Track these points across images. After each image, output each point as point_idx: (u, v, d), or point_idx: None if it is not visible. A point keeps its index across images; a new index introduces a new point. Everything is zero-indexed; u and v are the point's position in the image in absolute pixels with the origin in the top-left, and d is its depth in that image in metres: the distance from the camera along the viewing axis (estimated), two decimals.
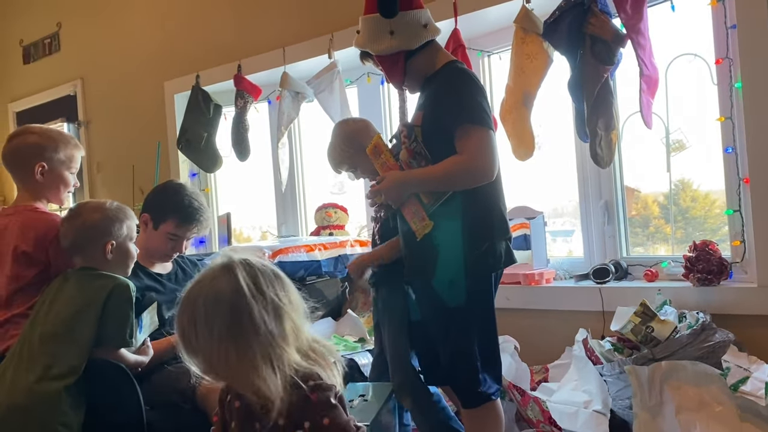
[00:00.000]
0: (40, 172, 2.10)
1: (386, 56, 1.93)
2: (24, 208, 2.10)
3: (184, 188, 2.36)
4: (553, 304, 2.57)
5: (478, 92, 1.85)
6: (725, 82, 2.25)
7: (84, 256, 1.94)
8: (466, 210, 1.83)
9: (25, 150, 2.11)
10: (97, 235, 1.93)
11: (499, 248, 1.86)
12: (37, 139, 2.13)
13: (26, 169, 2.10)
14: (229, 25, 3.59)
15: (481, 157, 1.80)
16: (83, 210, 1.98)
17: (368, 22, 1.92)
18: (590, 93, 2.28)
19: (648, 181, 2.67)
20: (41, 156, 2.11)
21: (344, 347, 2.59)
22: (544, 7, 2.43)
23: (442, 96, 1.86)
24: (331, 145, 2.26)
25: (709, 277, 2.22)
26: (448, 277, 1.84)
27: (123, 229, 1.97)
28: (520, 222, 2.70)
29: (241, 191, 3.96)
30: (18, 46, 5.02)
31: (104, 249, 1.93)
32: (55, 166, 2.13)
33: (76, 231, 1.93)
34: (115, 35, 4.27)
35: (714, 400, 1.85)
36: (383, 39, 1.90)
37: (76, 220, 1.95)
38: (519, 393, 2.15)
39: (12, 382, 1.78)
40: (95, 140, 4.52)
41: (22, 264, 2.00)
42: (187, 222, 2.31)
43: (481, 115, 1.81)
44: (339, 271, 2.84)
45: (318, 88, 3.09)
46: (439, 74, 1.91)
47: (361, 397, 2.02)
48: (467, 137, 1.80)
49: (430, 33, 1.92)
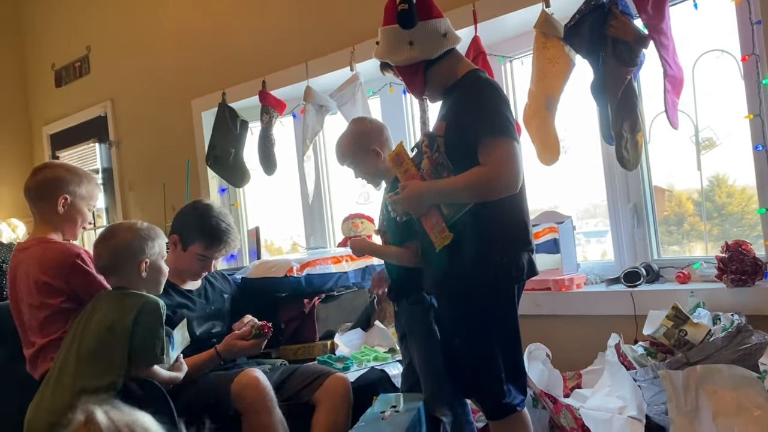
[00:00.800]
0: (62, 205, 2.18)
1: (406, 67, 1.92)
2: (40, 240, 2.17)
3: (212, 209, 2.40)
4: (584, 309, 2.54)
5: (501, 102, 1.83)
6: (752, 79, 2.21)
7: (119, 275, 1.98)
8: (488, 221, 1.81)
9: (52, 182, 2.20)
10: (131, 255, 1.97)
11: (521, 260, 1.84)
12: (64, 173, 2.22)
13: (49, 201, 2.18)
14: (253, 42, 3.64)
15: (505, 169, 1.77)
16: (117, 231, 2.03)
17: (387, 33, 1.92)
18: (614, 95, 2.26)
19: (681, 179, 2.63)
20: (66, 189, 2.19)
21: (375, 358, 2.60)
22: (563, 11, 2.42)
23: (464, 106, 1.85)
24: (340, 137, 2.27)
25: (743, 277, 2.18)
26: (469, 289, 1.82)
27: (155, 247, 2.02)
28: (549, 226, 2.68)
29: (269, 204, 4.00)
30: (50, 70, 5.15)
31: (139, 268, 1.97)
32: (77, 201, 2.22)
33: (111, 252, 1.98)
34: (142, 56, 4.36)
35: (752, 404, 1.81)
36: (402, 49, 1.89)
37: (110, 240, 2.00)
38: (551, 401, 2.13)
39: (51, 401, 1.82)
40: (126, 159, 4.61)
41: (45, 294, 2.06)
42: (215, 244, 2.35)
43: (505, 126, 1.79)
44: (366, 281, 2.85)
45: (341, 101, 3.11)
46: (461, 83, 1.90)
47: (392, 408, 2.02)
48: (491, 148, 1.77)
49: (449, 42, 1.91)
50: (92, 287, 2.06)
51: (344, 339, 2.72)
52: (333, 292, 2.79)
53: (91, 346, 1.88)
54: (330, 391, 2.23)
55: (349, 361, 2.54)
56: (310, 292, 2.73)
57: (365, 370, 2.47)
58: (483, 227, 1.81)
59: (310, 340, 2.70)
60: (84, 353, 1.87)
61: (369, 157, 2.17)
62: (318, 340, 2.70)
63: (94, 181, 2.31)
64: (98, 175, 4.82)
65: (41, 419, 1.82)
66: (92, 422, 1.11)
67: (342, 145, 2.25)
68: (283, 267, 2.70)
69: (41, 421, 1.81)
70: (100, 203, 4.92)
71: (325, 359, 2.56)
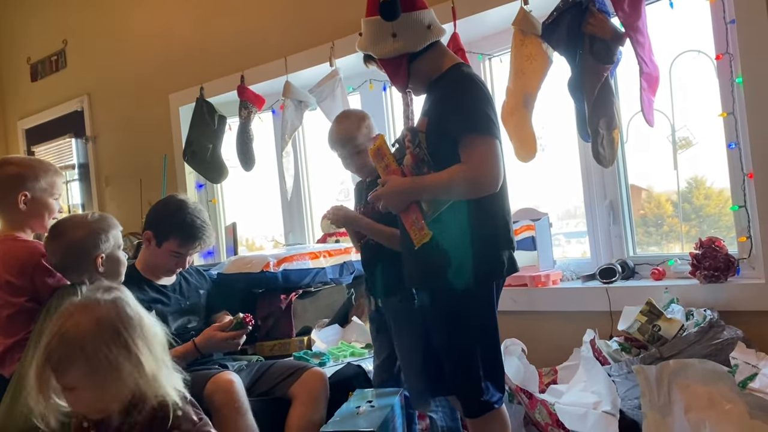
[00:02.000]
0: (23, 202, 2.12)
1: (389, 59, 1.89)
2: (5, 238, 2.11)
3: (187, 205, 2.37)
4: (560, 305, 2.56)
5: (484, 99, 1.81)
6: (726, 78, 2.24)
7: (77, 273, 1.94)
8: (469, 218, 1.79)
9: (6, 181, 2.13)
10: (85, 252, 1.92)
11: (502, 257, 1.83)
12: (16, 170, 2.15)
13: (9, 200, 2.12)
14: (231, 37, 3.62)
15: (486, 167, 1.75)
16: (66, 228, 1.96)
17: (370, 24, 1.89)
18: (590, 92, 2.27)
19: (660, 180, 2.66)
20: (23, 185, 2.12)
21: (351, 353, 2.59)
22: (542, 8, 2.43)
23: (446, 103, 1.82)
24: (344, 123, 2.25)
25: (716, 274, 2.20)
26: (448, 286, 1.81)
27: (109, 239, 1.96)
28: (526, 224, 2.69)
29: (247, 201, 3.97)
30: (26, 64, 5.08)
31: (95, 263, 1.93)
32: (38, 195, 2.15)
33: (64, 251, 1.93)
34: (120, 51, 4.31)
35: (723, 398, 1.83)
36: (386, 42, 1.86)
37: (61, 239, 1.94)
38: (527, 396, 2.14)
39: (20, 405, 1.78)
40: (103, 154, 4.56)
41: (8, 293, 2.02)
42: (189, 241, 2.33)
43: (486, 124, 1.77)
44: (344, 277, 2.84)
45: (320, 96, 3.10)
46: (445, 78, 1.87)
47: (368, 403, 2.02)
48: (472, 147, 1.75)
49: (434, 34, 1.88)
50: (56, 285, 2.01)
51: (321, 335, 2.71)
52: (310, 288, 2.78)
53: None
54: (307, 385, 2.22)
55: (325, 357, 2.53)
56: (287, 288, 2.72)
57: (341, 366, 2.47)
58: (463, 225, 1.80)
59: (287, 336, 2.69)
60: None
61: (369, 145, 2.16)
62: (295, 336, 2.69)
63: (52, 169, 2.23)
64: (74, 170, 4.76)
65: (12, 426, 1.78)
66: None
67: (348, 130, 2.21)
68: (259, 262, 2.69)
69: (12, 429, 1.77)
70: (77, 199, 4.86)
71: (302, 355, 2.55)
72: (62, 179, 2.27)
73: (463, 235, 1.80)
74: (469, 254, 1.79)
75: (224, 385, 2.06)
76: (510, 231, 1.88)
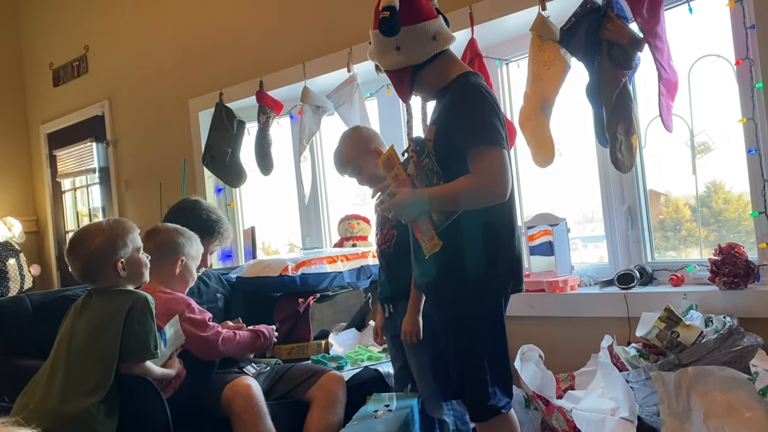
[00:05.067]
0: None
1: (393, 71, 1.90)
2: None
3: (200, 203, 2.41)
4: (577, 311, 2.55)
5: (490, 109, 1.81)
6: (746, 83, 2.23)
7: (100, 280, 1.95)
8: (478, 228, 1.81)
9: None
10: (104, 259, 1.92)
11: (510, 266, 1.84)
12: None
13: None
14: (251, 43, 3.65)
15: (494, 178, 1.76)
16: (83, 238, 1.96)
17: (376, 37, 1.89)
18: (609, 98, 2.27)
19: (678, 185, 2.64)
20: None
21: (368, 358, 2.60)
22: (560, 14, 2.43)
23: (453, 113, 1.83)
24: (337, 147, 2.29)
25: (736, 280, 2.19)
26: (457, 293, 1.82)
27: (127, 244, 1.96)
28: (544, 229, 2.69)
29: (265, 205, 4.00)
30: (48, 69, 5.16)
31: (116, 269, 1.93)
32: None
33: (83, 260, 1.93)
34: (140, 56, 4.37)
35: (743, 406, 1.82)
36: (389, 54, 1.87)
37: (80, 250, 1.94)
38: (543, 403, 2.13)
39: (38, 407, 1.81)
40: (123, 159, 4.62)
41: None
42: (208, 237, 2.35)
43: (493, 135, 1.78)
44: (361, 281, 2.86)
45: (338, 102, 3.12)
46: (452, 87, 1.87)
47: (385, 407, 2.03)
48: (479, 157, 1.76)
49: (439, 45, 1.87)
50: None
51: (338, 339, 2.73)
52: (328, 292, 2.80)
53: (81, 345, 1.86)
54: (325, 388, 2.24)
55: (343, 361, 2.54)
56: (304, 292, 2.73)
57: (359, 370, 2.48)
58: (472, 234, 1.81)
59: (305, 340, 2.71)
60: (74, 353, 1.86)
61: (371, 158, 2.19)
62: (312, 340, 2.71)
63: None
64: (95, 174, 4.83)
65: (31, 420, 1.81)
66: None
67: (342, 152, 2.26)
68: (278, 266, 2.71)
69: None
70: (97, 202, 4.93)
71: (319, 358, 2.56)
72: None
73: (471, 244, 1.81)
74: (477, 262, 1.80)
75: (242, 390, 2.08)
76: (518, 239, 1.88)
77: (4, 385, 2.17)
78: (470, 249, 1.81)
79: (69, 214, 5.23)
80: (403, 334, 2.10)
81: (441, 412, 2.10)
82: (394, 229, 2.15)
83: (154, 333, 1.89)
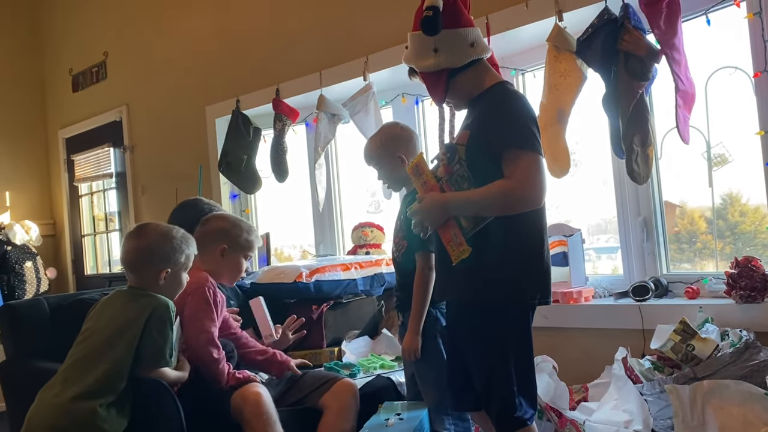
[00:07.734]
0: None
1: (429, 73, 1.90)
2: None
3: (201, 200, 2.42)
4: (592, 322, 2.54)
5: (528, 115, 1.81)
6: (765, 96, 2.22)
7: (139, 276, 1.97)
8: (507, 235, 1.77)
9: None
10: (156, 261, 1.94)
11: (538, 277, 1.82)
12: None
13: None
14: (268, 51, 3.68)
15: (530, 183, 1.74)
16: (150, 233, 1.99)
17: (414, 38, 1.91)
18: (625, 109, 2.27)
19: (693, 196, 2.63)
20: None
21: (381, 366, 2.61)
22: (576, 24, 2.44)
23: (490, 117, 1.82)
24: (371, 137, 2.31)
25: (753, 294, 2.17)
26: (485, 302, 1.79)
27: (182, 258, 1.98)
28: (558, 239, 2.68)
29: (280, 212, 4.02)
30: (68, 75, 5.22)
31: (159, 275, 1.95)
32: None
33: (138, 251, 1.96)
34: (158, 63, 4.42)
35: (759, 421, 1.80)
36: (427, 56, 1.87)
37: (141, 240, 1.97)
38: (556, 415, 2.12)
39: (50, 402, 1.83)
40: (140, 164, 4.66)
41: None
42: None
43: (531, 140, 1.76)
44: (374, 289, 2.86)
45: (354, 110, 3.14)
46: (488, 94, 1.87)
47: (397, 415, 2.03)
48: (516, 162, 1.74)
49: (476, 52, 1.88)
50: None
51: (351, 346, 2.73)
52: (341, 299, 2.81)
53: (99, 346, 1.88)
54: (338, 395, 2.24)
55: (355, 368, 2.55)
56: (318, 299, 2.74)
57: (371, 378, 2.48)
58: (501, 241, 1.77)
59: (318, 347, 2.71)
60: (90, 354, 1.88)
61: (393, 162, 2.20)
62: (325, 347, 2.72)
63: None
64: (112, 179, 4.88)
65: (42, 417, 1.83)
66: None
67: (370, 147, 2.28)
68: (292, 273, 2.72)
69: (42, 419, 1.82)
70: (113, 207, 4.97)
71: (332, 366, 2.57)
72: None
73: (500, 252, 1.78)
74: (506, 271, 1.78)
75: (252, 398, 2.07)
76: (546, 248, 1.85)
77: (20, 386, 2.20)
78: (499, 257, 1.77)
79: (85, 218, 5.28)
80: (402, 351, 2.11)
81: (445, 425, 2.10)
82: (404, 240, 2.16)
83: (171, 341, 1.91)
